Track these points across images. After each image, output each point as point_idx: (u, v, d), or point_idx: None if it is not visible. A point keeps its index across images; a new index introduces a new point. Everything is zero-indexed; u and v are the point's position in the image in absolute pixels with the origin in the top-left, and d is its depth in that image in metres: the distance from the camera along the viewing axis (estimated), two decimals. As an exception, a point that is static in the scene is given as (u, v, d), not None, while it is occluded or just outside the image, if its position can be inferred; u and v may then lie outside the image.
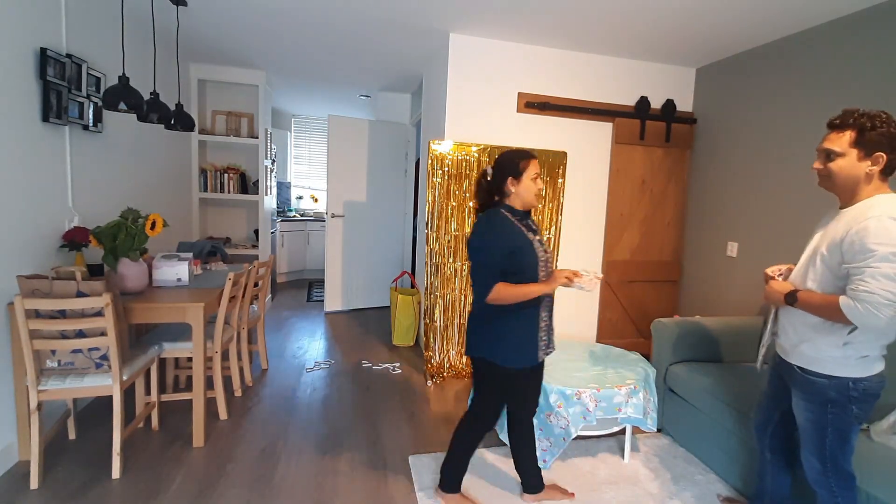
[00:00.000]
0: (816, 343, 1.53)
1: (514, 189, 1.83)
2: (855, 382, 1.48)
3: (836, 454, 1.55)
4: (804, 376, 1.57)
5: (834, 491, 1.58)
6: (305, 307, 5.31)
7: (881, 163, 1.43)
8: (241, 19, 3.29)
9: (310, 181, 7.25)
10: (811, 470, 1.62)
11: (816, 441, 1.57)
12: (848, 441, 1.54)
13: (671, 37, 3.19)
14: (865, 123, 1.43)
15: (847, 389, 1.49)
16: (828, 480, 1.58)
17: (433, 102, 3.89)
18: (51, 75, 2.33)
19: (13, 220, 2.16)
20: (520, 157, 1.85)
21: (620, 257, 3.88)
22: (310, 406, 2.93)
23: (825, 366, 1.51)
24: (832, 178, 1.51)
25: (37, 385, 2.00)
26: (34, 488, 2.02)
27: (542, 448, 2.29)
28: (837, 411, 1.51)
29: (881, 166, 1.43)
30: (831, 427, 1.53)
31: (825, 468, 1.57)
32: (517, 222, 1.84)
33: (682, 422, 2.60)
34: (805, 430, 1.61)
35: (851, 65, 2.66)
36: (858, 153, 1.44)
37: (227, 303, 2.58)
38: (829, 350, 1.50)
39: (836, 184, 1.51)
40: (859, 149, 1.44)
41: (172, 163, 4.10)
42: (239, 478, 2.18)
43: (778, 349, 1.70)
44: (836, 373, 1.50)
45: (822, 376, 1.52)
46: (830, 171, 1.50)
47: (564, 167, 3.49)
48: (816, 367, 1.53)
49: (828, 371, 1.51)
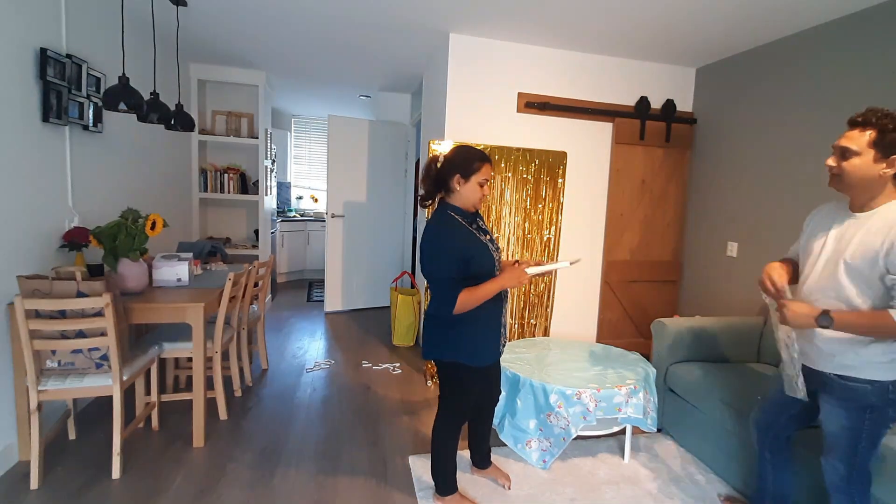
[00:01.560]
0: (861, 353, 1.45)
1: (459, 188, 1.78)
2: (894, 385, 1.43)
3: (866, 460, 1.51)
4: (843, 383, 1.49)
5: (853, 496, 1.55)
6: (305, 307, 5.31)
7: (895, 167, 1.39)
8: (241, 19, 3.29)
9: (310, 181, 7.25)
10: (834, 475, 1.56)
11: (847, 448, 1.52)
12: (877, 446, 1.51)
13: (671, 37, 3.19)
14: (888, 125, 1.38)
15: (887, 392, 1.43)
16: (850, 487, 1.54)
17: (433, 102, 3.89)
18: (51, 75, 2.33)
19: (13, 220, 2.16)
20: (476, 158, 1.78)
21: (620, 257, 3.88)
22: (310, 406, 2.93)
23: (865, 371, 1.45)
24: (844, 177, 1.45)
25: (37, 385, 2.00)
26: (34, 488, 2.02)
27: (542, 448, 2.30)
28: (876, 417, 1.47)
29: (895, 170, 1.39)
30: (866, 433, 1.48)
31: (850, 474, 1.53)
32: (467, 225, 1.80)
33: (682, 422, 2.60)
34: (836, 437, 1.54)
35: (851, 65, 2.66)
36: (875, 154, 1.39)
37: (227, 303, 2.57)
38: (871, 356, 1.43)
39: (847, 184, 1.46)
40: (877, 150, 1.39)
41: (172, 163, 4.10)
42: (239, 478, 2.18)
43: (813, 363, 1.59)
44: (878, 377, 1.43)
45: (863, 381, 1.45)
46: (843, 170, 1.45)
47: (564, 167, 3.49)
48: (857, 374, 1.46)
49: (869, 376, 1.44)
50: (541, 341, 2.94)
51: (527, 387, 2.31)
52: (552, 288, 3.58)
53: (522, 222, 3.47)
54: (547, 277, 3.55)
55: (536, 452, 2.31)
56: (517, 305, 3.53)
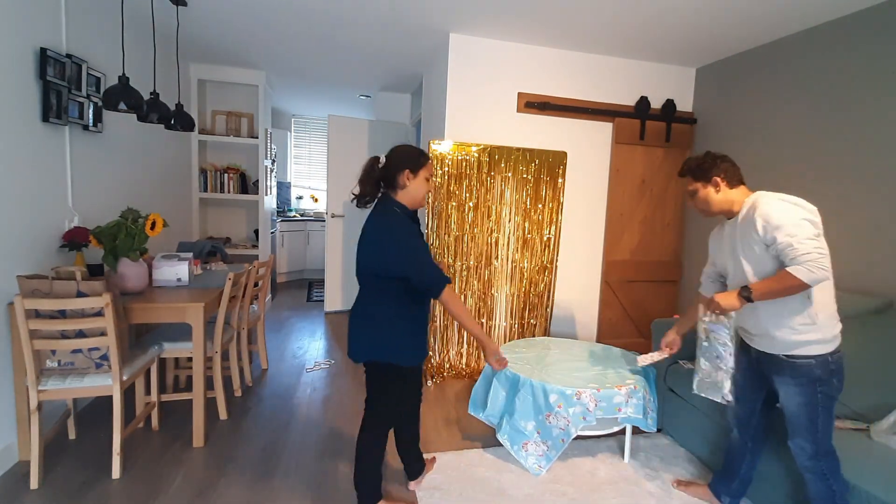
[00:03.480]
0: (794, 325, 1.67)
1: (409, 183, 1.76)
2: (832, 356, 1.66)
3: (827, 433, 1.69)
4: (792, 362, 1.70)
5: (825, 474, 1.69)
6: (305, 307, 5.31)
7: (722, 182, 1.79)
8: (241, 19, 3.29)
9: (310, 181, 7.25)
10: (802, 455, 1.72)
11: (808, 424, 1.69)
12: (833, 417, 1.70)
13: (671, 37, 3.19)
14: (690, 164, 1.88)
15: (828, 364, 1.66)
16: (819, 464, 1.69)
17: (433, 102, 3.89)
18: (51, 75, 2.33)
19: (13, 220, 2.16)
20: (420, 154, 1.79)
21: (620, 257, 3.88)
22: (310, 406, 2.93)
23: (806, 348, 1.66)
24: (703, 209, 1.88)
25: (37, 385, 2.00)
26: (34, 488, 2.01)
27: (538, 453, 2.28)
28: (825, 388, 1.66)
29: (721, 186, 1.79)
30: (821, 406, 1.67)
31: (817, 449, 1.69)
32: (413, 223, 1.80)
33: (682, 422, 2.60)
34: (797, 416, 1.72)
35: (851, 65, 2.66)
36: (703, 184, 1.83)
37: (227, 303, 2.58)
38: (805, 329, 1.66)
39: (710, 211, 1.86)
40: (701, 181, 1.84)
41: (172, 163, 4.10)
42: (239, 478, 2.18)
43: (755, 344, 1.82)
44: (818, 352, 1.66)
45: (807, 358, 1.67)
46: (698, 206, 1.89)
47: (564, 167, 3.49)
48: (800, 352, 1.67)
49: (811, 351, 1.66)
50: (541, 341, 2.93)
51: (527, 387, 2.30)
52: (552, 288, 3.58)
53: (522, 222, 3.47)
54: (547, 276, 3.55)
55: (532, 457, 2.29)
56: (517, 305, 3.54)
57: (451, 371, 3.45)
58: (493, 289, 3.47)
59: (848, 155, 2.67)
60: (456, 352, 3.47)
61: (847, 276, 2.53)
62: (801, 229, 1.56)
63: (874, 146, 2.54)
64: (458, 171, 3.30)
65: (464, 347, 3.47)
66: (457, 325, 3.43)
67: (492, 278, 3.46)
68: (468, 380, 3.42)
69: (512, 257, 3.48)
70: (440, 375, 3.39)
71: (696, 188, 1.87)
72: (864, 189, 2.59)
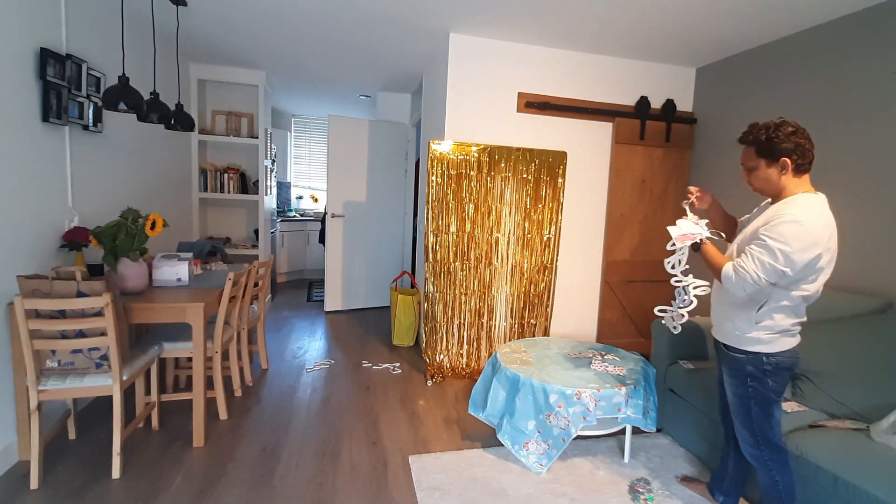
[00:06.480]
0: (736, 321, 1.72)
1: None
2: (767, 357, 1.67)
3: (763, 426, 1.73)
4: (728, 353, 1.77)
5: (769, 466, 1.74)
6: (305, 307, 5.31)
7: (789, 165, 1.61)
8: (241, 19, 3.29)
9: (310, 181, 7.25)
10: (744, 443, 1.79)
11: (743, 413, 1.76)
12: (771, 414, 1.72)
13: (671, 37, 3.19)
14: (760, 136, 1.64)
15: (762, 364, 1.68)
16: (761, 454, 1.75)
17: (433, 102, 3.89)
18: (51, 75, 2.33)
19: (13, 220, 2.16)
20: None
21: (620, 257, 3.88)
22: (310, 406, 2.93)
23: (743, 342, 1.71)
24: (754, 186, 1.78)
25: (37, 385, 2.00)
26: (34, 488, 2.01)
27: (539, 452, 2.29)
28: (756, 385, 1.70)
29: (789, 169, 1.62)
30: (753, 400, 1.72)
31: (756, 440, 1.75)
32: None
33: (682, 422, 2.60)
34: (734, 404, 1.79)
35: (851, 65, 2.66)
36: (766, 161, 1.64)
37: (227, 303, 2.57)
38: (746, 328, 1.69)
39: (758, 188, 1.74)
40: (765, 158, 1.64)
41: (172, 163, 4.10)
42: (239, 478, 2.18)
43: (713, 332, 1.89)
44: (753, 349, 1.69)
45: (741, 352, 1.72)
46: (750, 181, 1.78)
47: (564, 167, 3.48)
48: (737, 344, 1.73)
49: (746, 347, 1.70)
50: (541, 341, 2.93)
51: (527, 387, 2.30)
52: (552, 288, 3.58)
53: (522, 222, 3.47)
54: (547, 276, 3.55)
55: (534, 455, 2.30)
56: (517, 305, 3.54)
57: (451, 371, 3.45)
58: (493, 289, 3.47)
59: (848, 155, 2.67)
60: (456, 352, 3.47)
61: (847, 276, 2.53)
62: (774, 255, 1.53)
63: (874, 146, 2.54)
64: (458, 171, 3.30)
65: (464, 347, 3.47)
66: (456, 325, 3.43)
67: (492, 278, 3.46)
68: (468, 380, 3.42)
69: (512, 257, 3.48)
70: (440, 375, 3.39)
71: (756, 164, 1.64)
72: (863, 189, 2.59)
